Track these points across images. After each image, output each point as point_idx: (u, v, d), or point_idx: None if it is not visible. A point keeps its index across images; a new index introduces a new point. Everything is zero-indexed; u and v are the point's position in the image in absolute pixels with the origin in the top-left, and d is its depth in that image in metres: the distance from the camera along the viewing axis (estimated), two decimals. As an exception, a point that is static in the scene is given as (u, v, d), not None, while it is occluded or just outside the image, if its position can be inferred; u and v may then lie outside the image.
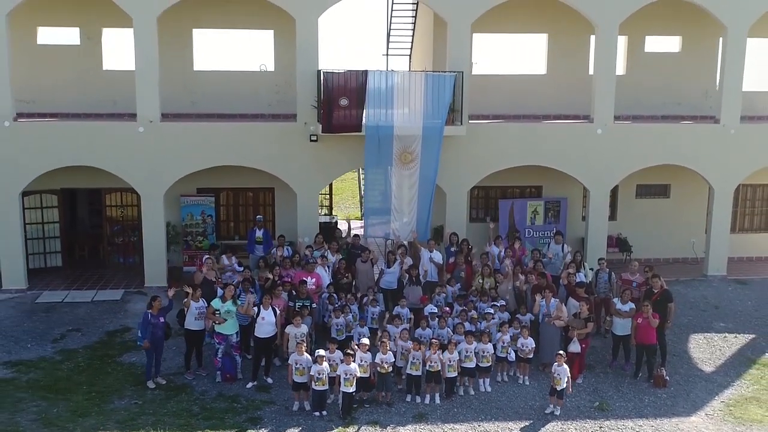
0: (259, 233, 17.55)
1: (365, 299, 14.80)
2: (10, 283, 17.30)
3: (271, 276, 14.64)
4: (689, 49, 20.47)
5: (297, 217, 17.92)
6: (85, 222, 20.75)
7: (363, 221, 18.77)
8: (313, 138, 17.22)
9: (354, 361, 12.06)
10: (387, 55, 23.25)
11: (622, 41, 19.57)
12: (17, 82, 17.13)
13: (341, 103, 16.51)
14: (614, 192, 19.58)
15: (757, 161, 18.92)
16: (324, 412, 12.14)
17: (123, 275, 18.86)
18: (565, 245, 17.17)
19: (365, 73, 16.66)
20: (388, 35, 22.54)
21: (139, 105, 16.96)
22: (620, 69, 19.86)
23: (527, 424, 12.19)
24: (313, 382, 12.06)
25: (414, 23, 22.28)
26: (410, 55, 23.36)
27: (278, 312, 13.29)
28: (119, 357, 14.46)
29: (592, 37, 18.48)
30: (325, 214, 22.93)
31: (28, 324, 15.88)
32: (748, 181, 19.83)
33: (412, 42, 22.99)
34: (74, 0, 17.60)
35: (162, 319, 13.07)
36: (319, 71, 16.92)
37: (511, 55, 20.56)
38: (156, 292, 17.12)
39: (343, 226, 19.39)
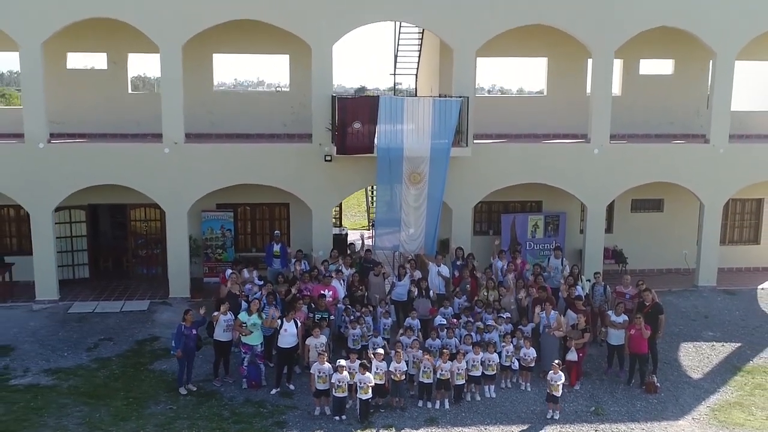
0: (276, 247, 18.67)
1: (378, 311, 15.95)
2: (43, 294, 18.42)
3: (292, 290, 15.77)
4: (681, 71, 21.66)
5: (312, 232, 19.04)
6: (108, 235, 21.87)
7: (373, 232, 19.90)
8: (328, 158, 18.35)
9: (370, 371, 13.18)
10: (394, 74, 24.39)
11: (617, 64, 20.75)
12: (48, 104, 18.19)
13: (354, 126, 17.63)
14: (610, 206, 20.71)
15: (745, 179, 20.07)
16: (343, 417, 13.27)
17: (147, 286, 20.00)
18: (564, 259, 18.32)
19: (377, 98, 17.84)
20: (396, 56, 23.67)
21: (165, 128, 18.08)
22: (616, 90, 21.08)
23: (529, 427, 13.33)
24: (333, 389, 13.20)
25: (420, 44, 23.41)
26: (417, 74, 24.50)
27: (299, 324, 14.42)
28: (150, 365, 15.57)
29: (590, 60, 19.62)
30: (336, 226, 24.05)
31: (62, 333, 17.02)
32: (737, 195, 20.95)
33: (418, 61, 24.12)
34: (102, 27, 18.62)
35: (194, 331, 14.20)
36: (333, 96, 18.06)
37: (513, 76, 21.63)
38: (180, 303, 18.50)
39: (356, 240, 20.43)
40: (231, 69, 20.39)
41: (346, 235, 22.98)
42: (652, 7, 18.74)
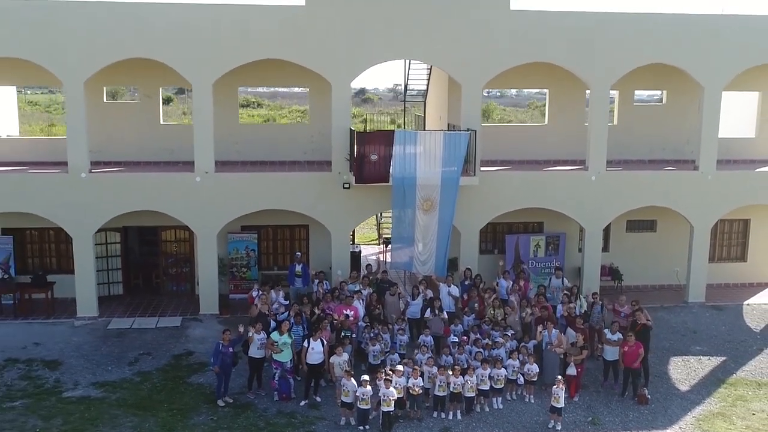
0: (298, 268, 20.26)
1: (395, 328, 17.53)
2: (84, 311, 19.98)
3: (316, 311, 17.35)
4: (673, 101, 23.27)
5: (330, 252, 20.62)
6: (136, 253, 23.38)
7: (383, 248, 21.36)
8: (346, 186, 19.89)
9: (392, 385, 14.76)
10: (404, 101, 25.95)
11: (613, 95, 22.31)
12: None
13: (371, 158, 19.19)
14: (607, 226, 22.23)
15: (731, 203, 21.65)
16: (367, 427, 14.82)
17: (177, 302, 21.55)
18: (565, 279, 19.92)
19: (392, 132, 19.43)
20: (406, 86, 25.24)
21: (197, 158, 19.63)
22: (612, 119, 22.63)
23: (533, 436, 14.94)
24: (358, 402, 14.76)
25: (429, 74, 24.98)
26: (425, 101, 26.07)
27: (325, 343, 15.99)
28: (188, 378, 17.13)
29: (588, 91, 21.16)
30: (350, 243, 25.60)
31: (104, 348, 18.57)
32: (725, 216, 22.48)
33: (427, 88, 25.70)
34: (135, 64, 20.07)
35: (231, 349, 15.77)
36: (351, 130, 19.62)
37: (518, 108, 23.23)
38: (209, 319, 20.14)
39: (373, 261, 21.98)
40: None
41: (360, 252, 24.52)
42: (645, 46, 20.32)
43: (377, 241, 29.12)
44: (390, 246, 21.41)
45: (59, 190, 19.38)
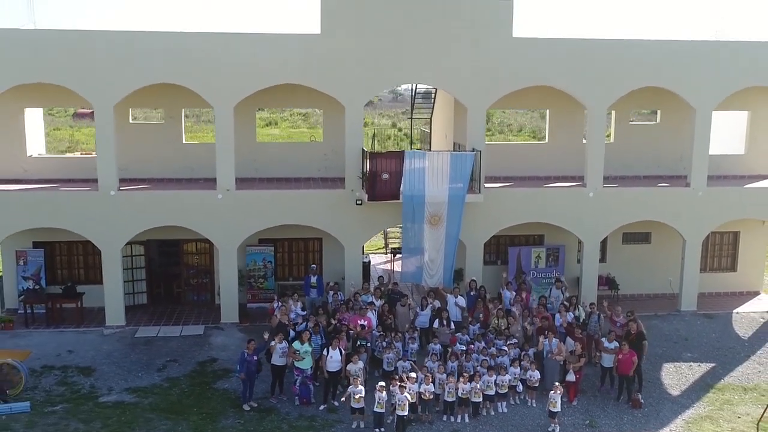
0: (313, 279, 21.58)
1: (406, 337, 18.82)
2: (112, 321, 21.24)
3: (332, 321, 18.64)
4: (666, 120, 24.59)
5: (342, 263, 21.89)
6: (156, 264, 24.58)
7: (391, 257, 22.54)
8: (359, 202, 21.14)
9: (406, 391, 16.04)
10: (411, 118, 27.23)
11: (611, 114, 23.59)
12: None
13: (383, 177, 20.48)
14: (604, 239, 23.51)
15: (721, 218, 22.95)
16: (382, 429, 16.11)
17: (198, 311, 22.83)
18: (564, 289, 21.23)
19: (402, 153, 20.71)
20: (413, 105, 26.52)
21: (219, 177, 20.89)
22: (609, 137, 23.92)
23: (535, 437, 16.24)
24: (375, 406, 16.02)
25: (435, 92, 26.28)
26: (431, 118, 27.35)
27: (343, 351, 17.28)
28: (214, 384, 18.41)
29: (586, 111, 22.46)
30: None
31: (133, 356, 19.84)
32: (716, 229, 23.79)
33: (433, 106, 27.00)
34: (159, 87, 21.28)
35: (255, 357, 17.06)
36: (364, 150, 20.91)
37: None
38: (230, 328, 21.46)
39: (384, 274, 23.27)
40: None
41: (369, 262, 25.76)
42: (640, 70, 21.61)
43: (384, 250, 30.39)
44: (398, 256, 22.69)
45: (90, 207, 20.64)
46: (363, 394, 16.08)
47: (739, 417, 17.31)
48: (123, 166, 22.07)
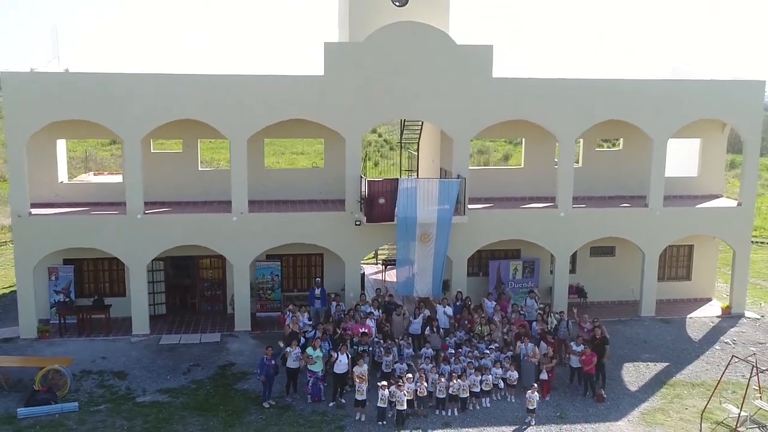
0: (317, 291, 24.34)
1: (402, 342, 21.63)
2: (138, 329, 23.84)
3: (338, 330, 21.40)
4: (628, 148, 27.68)
5: (343, 277, 24.67)
6: (170, 277, 27.16)
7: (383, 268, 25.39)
8: (357, 223, 23.91)
9: (404, 390, 18.84)
10: (401, 142, 30.04)
11: (579, 143, 26.59)
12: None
13: (379, 201, 23.27)
14: (574, 253, 26.48)
15: (676, 234, 26.06)
16: (384, 422, 18.88)
17: (212, 320, 25.45)
18: (538, 299, 24.19)
19: (396, 180, 23.53)
20: (402, 130, 29.33)
21: (234, 200, 23.57)
22: (578, 162, 26.93)
23: (514, 428, 19.06)
24: (378, 402, 18.80)
25: (422, 124, 29.10)
26: (418, 142, 30.17)
27: (349, 356, 20.05)
28: (235, 385, 21.07)
29: (557, 141, 25.40)
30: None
31: (160, 361, 22.43)
32: (672, 243, 26.86)
33: (420, 132, 29.82)
34: (178, 121, 23.89)
35: (273, 361, 19.77)
36: (361, 177, 23.70)
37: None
38: (243, 335, 24.12)
39: (381, 287, 26.09)
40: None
41: (363, 273, 28.53)
42: (604, 105, 24.67)
43: (374, 260, 33.17)
44: (389, 268, 25.48)
45: (119, 229, 23.23)
46: (363, 390, 18.86)
47: (686, 408, 20.29)
48: (145, 191, 24.64)
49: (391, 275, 28.32)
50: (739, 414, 19.03)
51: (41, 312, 24.66)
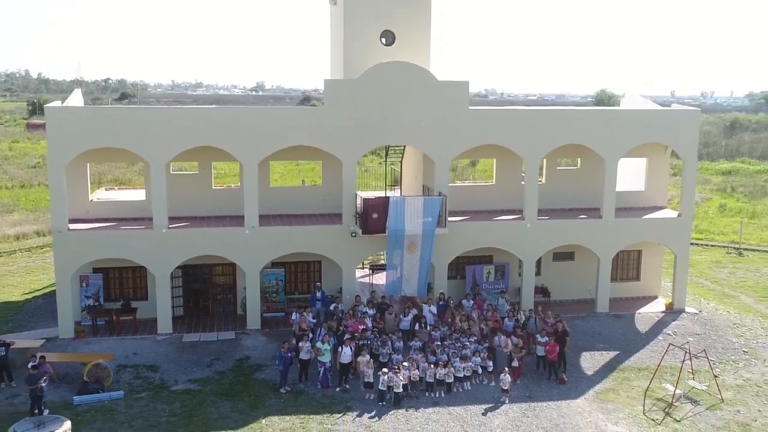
0: (318, 294, 28.02)
1: (393, 337, 25.42)
2: (163, 329, 27.26)
3: (340, 327, 25.11)
4: (585, 166, 31.83)
5: (341, 281, 28.37)
6: (185, 282, 30.54)
7: (371, 272, 29.47)
8: (353, 235, 27.65)
9: (400, 376, 22.63)
10: (385, 160, 33.80)
11: (543, 162, 30.67)
12: (160, 198, 27.08)
13: (373, 216, 27.04)
14: (539, 258, 30.47)
15: (626, 241, 30.27)
16: (384, 402, 22.63)
17: (225, 321, 28.92)
18: (507, 298, 28.21)
19: (388, 198, 27.34)
20: (387, 149, 33.09)
21: (246, 216, 27.13)
22: (542, 179, 31.04)
23: (492, 406, 22.95)
24: (379, 385, 22.56)
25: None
26: (401, 160, 33.96)
27: (352, 349, 23.79)
28: (253, 375, 24.62)
29: (524, 161, 29.43)
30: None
31: (185, 356, 25.88)
32: (623, 248, 31.03)
33: (403, 151, 33.61)
34: (196, 147, 27.38)
35: (288, 354, 23.42)
36: (356, 194, 27.43)
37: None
38: (255, 334, 27.63)
39: (375, 290, 29.85)
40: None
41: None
42: (564, 131, 28.75)
43: (361, 265, 36.82)
44: (375, 272, 29.55)
45: (146, 242, 26.65)
46: (370, 374, 22.64)
47: (633, 388, 24.40)
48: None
49: (378, 278, 32.19)
50: (674, 392, 23.25)
51: (74, 315, 27.89)
